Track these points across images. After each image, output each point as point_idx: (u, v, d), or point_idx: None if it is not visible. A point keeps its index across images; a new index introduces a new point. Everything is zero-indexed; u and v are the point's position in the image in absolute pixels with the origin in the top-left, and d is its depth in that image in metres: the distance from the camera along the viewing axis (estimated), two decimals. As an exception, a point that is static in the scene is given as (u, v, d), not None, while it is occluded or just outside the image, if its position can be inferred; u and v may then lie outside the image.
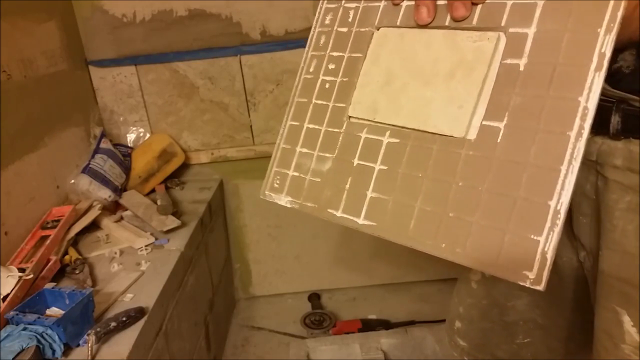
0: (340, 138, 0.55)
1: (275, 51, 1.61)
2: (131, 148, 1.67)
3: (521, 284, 0.41)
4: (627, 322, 0.55)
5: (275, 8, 1.57)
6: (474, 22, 0.48)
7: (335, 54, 0.58)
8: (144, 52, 1.61)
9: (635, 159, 0.53)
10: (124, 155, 1.57)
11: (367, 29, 0.56)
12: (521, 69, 0.45)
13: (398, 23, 0.53)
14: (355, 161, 0.53)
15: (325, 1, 0.60)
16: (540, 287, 0.40)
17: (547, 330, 0.76)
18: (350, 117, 0.55)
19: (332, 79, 0.58)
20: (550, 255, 0.41)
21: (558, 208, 0.41)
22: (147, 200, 1.45)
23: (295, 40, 1.59)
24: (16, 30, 1.25)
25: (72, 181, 1.38)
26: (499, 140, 0.45)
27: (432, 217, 0.47)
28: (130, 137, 1.71)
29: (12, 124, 1.19)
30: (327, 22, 0.60)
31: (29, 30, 1.32)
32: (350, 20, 0.58)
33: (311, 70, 0.60)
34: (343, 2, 0.59)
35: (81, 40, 1.59)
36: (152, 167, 1.59)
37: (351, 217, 0.52)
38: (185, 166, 1.71)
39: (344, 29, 0.58)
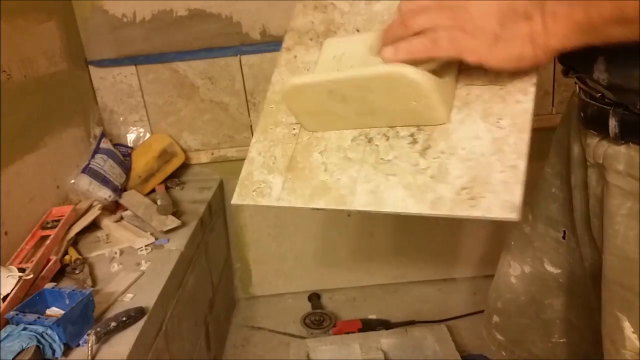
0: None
1: (275, 51, 1.61)
2: (131, 148, 1.67)
3: None
4: (628, 328, 0.55)
5: (275, 8, 1.57)
6: None
7: None
8: (144, 52, 1.61)
9: (636, 165, 0.52)
10: (124, 155, 1.57)
11: None
12: None
13: None
14: None
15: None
16: None
17: (582, 333, 0.76)
18: None
19: None
20: None
21: None
22: (147, 200, 1.45)
23: (295, 40, 1.59)
24: (16, 30, 1.25)
25: (72, 181, 1.38)
26: None
27: None
28: (130, 137, 1.71)
29: (12, 124, 1.19)
30: None
31: (29, 30, 1.32)
32: None
33: None
34: None
35: (81, 40, 1.59)
36: (152, 167, 1.59)
37: None
38: (185, 166, 1.71)
39: None
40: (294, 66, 0.69)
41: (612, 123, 0.53)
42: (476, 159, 0.50)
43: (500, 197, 0.47)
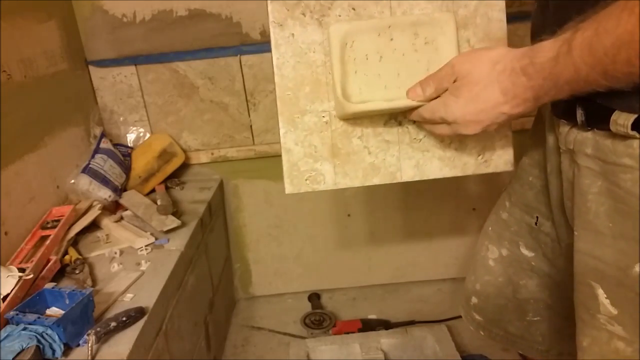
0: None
1: (275, 51, 1.61)
2: (131, 148, 1.67)
3: None
4: (601, 294, 0.60)
5: (275, 8, 1.56)
6: None
7: None
8: (144, 52, 1.61)
9: (602, 149, 0.58)
10: (124, 155, 1.57)
11: None
12: None
13: None
14: None
15: None
16: None
17: (555, 311, 0.83)
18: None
19: None
20: None
21: None
22: (147, 200, 1.45)
23: (295, 40, 1.59)
24: (16, 30, 1.25)
25: (72, 181, 1.38)
26: None
27: None
28: (130, 137, 1.71)
29: (12, 124, 1.19)
30: None
31: (29, 30, 1.32)
32: None
33: None
34: None
35: (81, 40, 1.59)
36: (152, 167, 1.59)
37: None
38: (185, 166, 1.71)
39: None
40: (295, 47, 0.71)
41: (579, 112, 0.60)
42: (482, 133, 0.65)
43: (502, 158, 0.73)
